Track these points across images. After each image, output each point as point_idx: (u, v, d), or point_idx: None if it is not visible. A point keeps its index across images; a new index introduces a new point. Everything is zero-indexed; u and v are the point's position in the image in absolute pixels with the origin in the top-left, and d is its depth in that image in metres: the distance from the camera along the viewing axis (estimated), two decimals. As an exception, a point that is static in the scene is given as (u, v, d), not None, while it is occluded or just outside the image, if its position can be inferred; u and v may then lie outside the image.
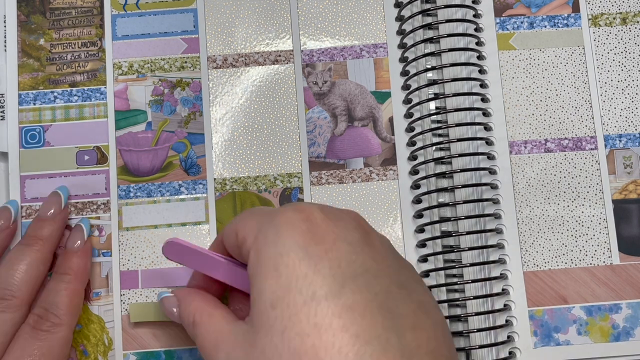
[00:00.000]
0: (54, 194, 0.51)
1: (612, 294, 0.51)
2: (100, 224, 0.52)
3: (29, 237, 0.49)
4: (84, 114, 0.53)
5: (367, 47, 0.54)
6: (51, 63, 0.54)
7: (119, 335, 0.51)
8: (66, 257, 0.50)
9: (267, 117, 0.53)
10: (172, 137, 0.53)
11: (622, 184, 0.52)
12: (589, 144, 0.53)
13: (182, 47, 0.54)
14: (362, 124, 0.54)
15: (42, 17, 0.54)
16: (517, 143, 0.53)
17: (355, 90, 0.54)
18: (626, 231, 0.52)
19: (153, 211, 0.52)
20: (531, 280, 0.51)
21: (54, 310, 0.48)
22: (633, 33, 0.54)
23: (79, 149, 0.53)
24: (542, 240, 0.51)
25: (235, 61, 0.54)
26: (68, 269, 0.49)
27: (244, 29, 0.55)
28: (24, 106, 0.53)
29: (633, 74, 0.53)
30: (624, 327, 0.50)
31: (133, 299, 0.51)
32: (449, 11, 0.54)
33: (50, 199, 0.51)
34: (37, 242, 0.49)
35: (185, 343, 0.51)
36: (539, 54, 0.54)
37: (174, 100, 0.54)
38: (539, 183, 0.52)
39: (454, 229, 0.51)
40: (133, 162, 0.53)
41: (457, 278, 0.51)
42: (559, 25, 0.54)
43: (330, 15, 0.55)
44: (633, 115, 0.53)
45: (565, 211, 0.52)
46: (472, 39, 0.53)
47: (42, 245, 0.49)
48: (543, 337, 0.50)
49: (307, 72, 0.54)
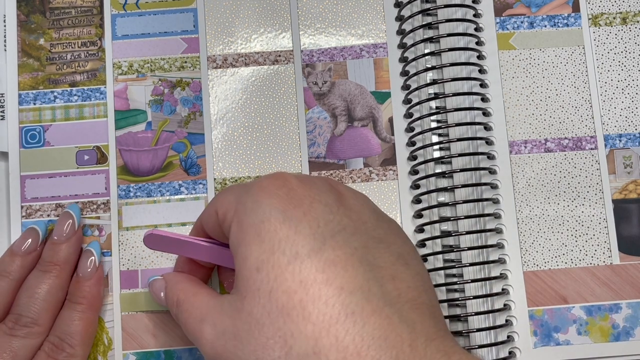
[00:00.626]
0: (65, 215, 0.51)
1: (612, 294, 0.51)
2: (100, 223, 0.52)
3: (46, 264, 0.49)
4: (84, 114, 0.53)
5: (367, 47, 0.54)
6: (51, 63, 0.54)
7: (119, 335, 0.51)
8: (79, 284, 0.49)
9: (267, 117, 0.53)
10: (172, 137, 0.53)
11: (622, 183, 0.52)
12: (589, 143, 0.53)
13: (182, 46, 0.54)
14: (361, 124, 0.53)
15: (42, 17, 0.54)
16: (517, 143, 0.53)
17: (355, 91, 0.54)
18: (626, 231, 0.52)
19: (153, 211, 0.52)
20: (531, 280, 0.51)
21: (68, 340, 0.48)
22: (633, 33, 0.54)
23: (79, 149, 0.53)
24: (542, 240, 0.51)
25: (235, 61, 0.54)
26: (81, 298, 0.49)
27: (244, 28, 0.55)
28: (24, 106, 0.53)
29: (633, 74, 0.53)
30: (624, 327, 0.50)
31: (133, 298, 0.51)
32: (448, 11, 0.54)
33: (62, 220, 0.50)
34: (54, 267, 0.49)
35: (185, 343, 0.51)
36: (539, 53, 0.54)
37: (174, 100, 0.54)
38: (539, 183, 0.52)
39: (454, 228, 0.51)
40: (133, 162, 0.53)
41: (457, 278, 0.51)
42: (559, 25, 0.54)
43: (330, 15, 0.55)
44: (633, 115, 0.53)
45: (565, 211, 0.52)
46: (472, 38, 0.53)
47: (59, 271, 0.49)
48: (543, 337, 0.50)
49: (307, 72, 0.54)
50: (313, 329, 0.36)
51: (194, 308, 0.42)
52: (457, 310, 0.50)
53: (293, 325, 0.36)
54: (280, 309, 0.37)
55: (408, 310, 0.37)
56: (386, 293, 0.37)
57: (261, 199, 0.39)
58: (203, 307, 0.42)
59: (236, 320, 0.38)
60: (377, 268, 0.38)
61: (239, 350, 0.38)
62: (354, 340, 0.35)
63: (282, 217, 0.38)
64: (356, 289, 0.37)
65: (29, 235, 0.50)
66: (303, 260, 0.37)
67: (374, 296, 0.37)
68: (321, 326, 0.36)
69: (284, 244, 0.38)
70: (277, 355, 0.36)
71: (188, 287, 0.44)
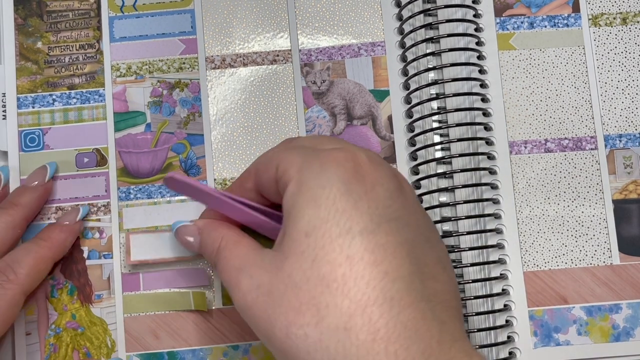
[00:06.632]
0: (41, 167, 0.52)
1: (612, 294, 0.51)
2: (100, 226, 0.52)
3: (6, 202, 0.50)
4: (83, 117, 0.53)
5: (365, 45, 0.54)
6: (49, 66, 0.54)
7: (122, 337, 0.51)
8: (51, 227, 0.50)
9: (266, 117, 0.53)
10: (171, 138, 0.53)
11: (622, 184, 0.52)
12: (589, 144, 0.53)
13: (180, 48, 0.54)
14: (361, 123, 0.53)
15: (40, 20, 0.54)
16: (517, 143, 0.53)
17: (354, 89, 0.54)
18: (626, 231, 0.52)
19: (154, 212, 0.52)
20: (531, 280, 0.51)
21: (14, 266, 0.48)
22: (633, 33, 0.54)
23: (79, 152, 0.53)
24: (542, 240, 0.52)
25: (234, 61, 0.54)
26: (47, 237, 0.50)
27: (241, 29, 0.54)
28: (23, 109, 0.53)
29: (633, 74, 0.53)
30: (624, 327, 0.51)
31: (135, 301, 0.52)
32: (449, 11, 0.53)
33: (36, 171, 0.52)
34: (12, 207, 0.50)
35: (188, 344, 0.51)
36: (539, 54, 0.54)
37: (173, 101, 0.53)
38: (539, 183, 0.52)
39: (454, 229, 0.52)
40: (133, 164, 0.53)
41: (457, 278, 0.51)
42: (559, 25, 0.54)
43: (327, 14, 0.54)
44: (633, 115, 0.53)
45: (565, 211, 0.52)
46: (472, 38, 0.53)
47: (16, 211, 0.50)
48: (543, 337, 0.51)
49: (305, 72, 0.54)
50: (349, 305, 0.36)
51: (234, 256, 0.42)
52: (457, 310, 0.51)
53: (330, 297, 0.37)
54: (321, 278, 0.37)
55: (440, 310, 0.38)
56: (425, 289, 0.38)
57: (328, 166, 0.39)
58: (243, 256, 0.41)
59: (274, 278, 0.39)
60: (421, 264, 0.39)
61: (269, 307, 0.38)
62: (387, 325, 0.36)
63: (344, 189, 0.38)
64: (399, 278, 0.37)
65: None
66: (355, 236, 0.37)
67: (414, 289, 0.37)
68: (358, 304, 0.36)
69: (339, 216, 0.38)
70: (307, 322, 0.37)
71: (230, 235, 0.44)
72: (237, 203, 0.45)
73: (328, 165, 0.39)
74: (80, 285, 0.52)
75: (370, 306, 0.36)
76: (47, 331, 0.51)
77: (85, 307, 0.51)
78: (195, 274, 0.51)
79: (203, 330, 0.51)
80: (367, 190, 0.39)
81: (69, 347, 0.51)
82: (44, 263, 0.49)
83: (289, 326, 0.37)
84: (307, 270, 0.37)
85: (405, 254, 0.38)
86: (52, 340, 0.51)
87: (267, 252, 0.40)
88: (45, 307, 0.51)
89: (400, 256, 0.38)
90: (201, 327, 0.51)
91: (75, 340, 0.51)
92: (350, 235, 0.37)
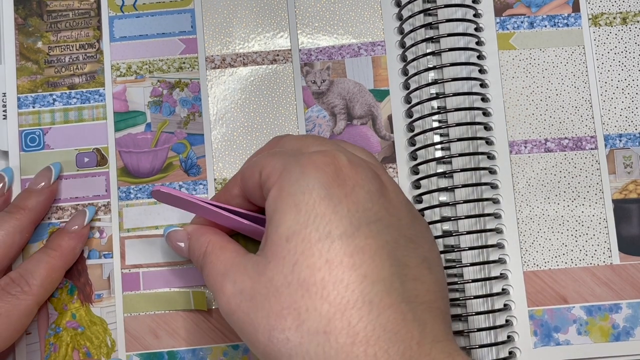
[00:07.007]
0: (46, 169, 0.52)
1: (612, 294, 0.51)
2: (101, 225, 0.52)
3: (13, 206, 0.50)
4: (83, 116, 0.53)
5: (365, 45, 0.54)
6: (49, 66, 0.54)
7: (122, 337, 0.51)
8: (59, 235, 0.50)
9: (266, 117, 0.53)
10: (171, 138, 0.53)
11: (622, 183, 0.52)
12: (589, 143, 0.53)
13: (180, 47, 0.54)
14: (361, 122, 0.53)
15: (40, 20, 0.54)
16: (517, 143, 0.53)
17: (354, 89, 0.54)
18: (626, 231, 0.52)
19: (154, 212, 0.52)
20: (531, 280, 0.51)
21: (27, 277, 0.48)
22: (633, 33, 0.54)
23: (79, 152, 0.53)
24: (542, 240, 0.52)
25: (234, 61, 0.54)
26: (57, 246, 0.50)
27: (241, 28, 0.54)
28: (23, 109, 0.53)
29: (633, 73, 0.53)
30: (624, 327, 0.51)
31: (135, 301, 0.52)
32: (449, 10, 0.53)
33: (41, 172, 0.52)
34: (19, 211, 0.50)
35: (188, 344, 0.51)
36: (539, 53, 0.54)
37: (173, 101, 0.53)
38: (539, 183, 0.52)
39: (454, 228, 0.52)
40: (133, 164, 0.53)
41: (457, 278, 0.51)
42: (559, 25, 0.54)
43: (327, 14, 0.54)
44: (633, 115, 0.53)
45: (565, 211, 0.52)
46: (472, 38, 0.53)
47: (23, 215, 0.50)
48: (543, 337, 0.51)
49: (305, 71, 0.54)
50: (328, 309, 0.37)
51: (219, 261, 0.43)
52: (457, 310, 0.51)
53: (310, 301, 0.37)
54: (301, 283, 0.37)
55: (422, 311, 0.38)
56: (406, 291, 0.38)
57: (308, 170, 0.40)
58: (227, 261, 0.42)
59: (256, 283, 0.39)
60: (403, 266, 0.39)
61: (252, 312, 0.39)
62: (366, 328, 0.36)
63: (323, 194, 0.39)
64: (379, 280, 0.37)
65: None
66: (334, 240, 0.38)
67: (394, 291, 0.37)
68: (337, 308, 0.37)
69: (319, 221, 0.38)
70: (288, 326, 0.37)
71: (216, 240, 0.45)
72: (224, 211, 0.46)
73: (308, 169, 0.40)
74: (81, 285, 0.52)
75: (349, 309, 0.37)
76: (47, 330, 0.51)
77: (85, 307, 0.51)
78: (195, 274, 0.51)
79: (203, 330, 0.51)
80: (347, 193, 0.39)
81: (69, 346, 0.51)
82: (56, 272, 0.50)
83: (271, 330, 0.38)
84: (288, 275, 0.38)
85: (385, 256, 0.38)
86: (52, 339, 0.51)
87: (250, 258, 0.41)
88: (45, 306, 0.51)
89: (380, 258, 0.38)
90: (201, 327, 0.51)
91: (75, 340, 0.51)
92: (330, 240, 0.38)
